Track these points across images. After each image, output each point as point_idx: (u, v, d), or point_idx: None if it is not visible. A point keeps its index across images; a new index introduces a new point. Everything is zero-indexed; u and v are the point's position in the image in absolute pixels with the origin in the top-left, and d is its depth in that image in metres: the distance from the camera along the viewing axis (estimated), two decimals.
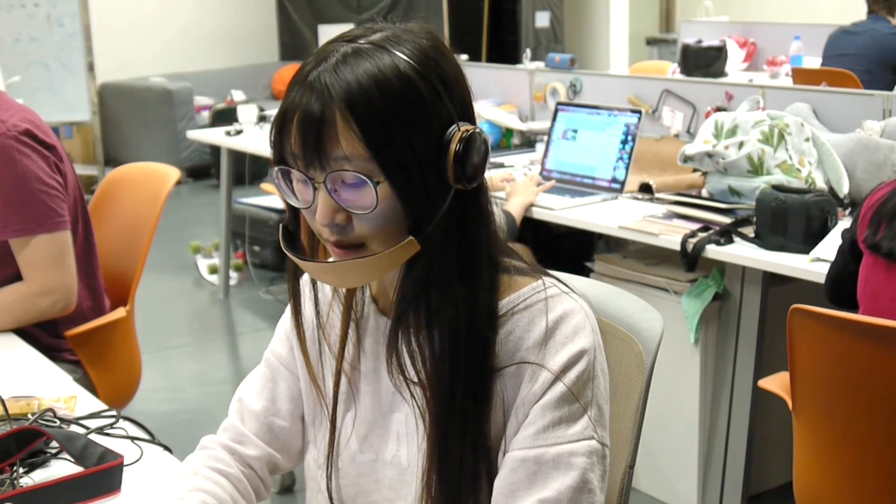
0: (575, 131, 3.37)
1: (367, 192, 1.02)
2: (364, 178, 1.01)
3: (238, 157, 4.99)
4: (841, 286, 2.08)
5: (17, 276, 2.16)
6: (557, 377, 1.07)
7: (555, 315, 1.09)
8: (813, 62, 5.46)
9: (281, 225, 1.15)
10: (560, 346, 1.08)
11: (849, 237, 2.07)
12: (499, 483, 1.08)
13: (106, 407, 1.63)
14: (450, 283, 1.06)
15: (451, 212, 1.06)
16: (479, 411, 1.08)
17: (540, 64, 4.63)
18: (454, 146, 1.04)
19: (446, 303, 1.06)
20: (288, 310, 1.26)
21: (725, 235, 2.58)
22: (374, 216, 1.04)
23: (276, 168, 1.07)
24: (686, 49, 5.92)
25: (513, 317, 1.10)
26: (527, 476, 1.06)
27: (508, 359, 1.09)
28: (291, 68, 8.61)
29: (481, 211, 1.10)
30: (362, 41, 1.04)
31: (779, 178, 2.70)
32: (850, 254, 2.05)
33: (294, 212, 1.13)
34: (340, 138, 1.01)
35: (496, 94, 4.53)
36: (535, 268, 1.16)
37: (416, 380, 1.10)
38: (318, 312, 1.22)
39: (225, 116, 6.62)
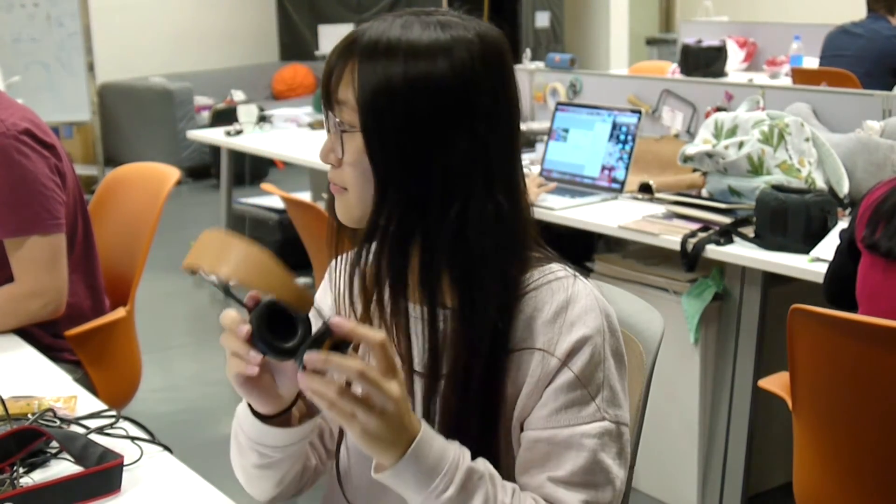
0: (575, 131, 3.37)
1: (345, 138, 1.10)
2: (346, 124, 1.09)
3: (238, 157, 4.98)
4: (839, 286, 2.08)
5: (12, 280, 2.15)
6: (564, 363, 1.09)
7: (562, 298, 1.12)
8: (813, 62, 5.44)
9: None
10: (567, 331, 1.10)
11: (847, 237, 2.06)
12: (518, 461, 1.13)
13: (106, 407, 1.63)
14: (445, 268, 1.10)
15: (454, 203, 1.09)
16: (489, 389, 1.12)
17: (540, 64, 4.62)
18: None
19: (451, 288, 1.11)
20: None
21: (725, 235, 2.58)
22: (351, 164, 1.11)
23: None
24: (686, 49, 5.91)
25: (520, 299, 1.13)
26: (540, 455, 1.11)
27: (517, 342, 1.12)
28: (291, 68, 8.61)
29: (488, 208, 1.11)
30: (411, 17, 1.11)
31: (779, 178, 2.70)
32: (848, 254, 2.04)
33: None
34: (341, 84, 1.10)
35: None
36: (547, 252, 1.19)
37: (420, 368, 1.14)
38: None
39: (225, 116, 6.62)
